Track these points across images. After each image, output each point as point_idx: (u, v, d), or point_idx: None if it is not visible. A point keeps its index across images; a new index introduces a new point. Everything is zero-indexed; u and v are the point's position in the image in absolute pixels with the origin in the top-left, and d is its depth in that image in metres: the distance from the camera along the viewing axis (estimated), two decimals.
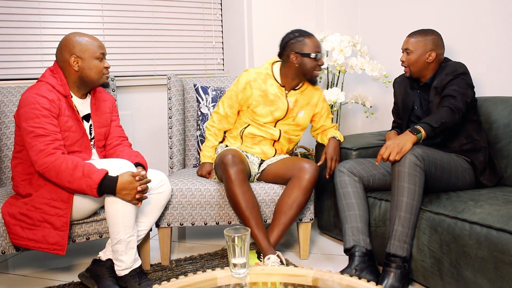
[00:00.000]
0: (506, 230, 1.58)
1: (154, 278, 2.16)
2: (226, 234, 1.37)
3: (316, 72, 2.32)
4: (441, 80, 2.15)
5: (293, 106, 2.38)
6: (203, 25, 3.31)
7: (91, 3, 2.95)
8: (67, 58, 1.97)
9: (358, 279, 1.36)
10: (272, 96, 2.35)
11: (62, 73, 1.99)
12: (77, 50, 1.97)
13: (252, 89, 2.34)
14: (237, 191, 2.11)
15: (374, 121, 3.28)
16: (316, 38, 2.34)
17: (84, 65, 1.98)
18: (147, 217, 2.10)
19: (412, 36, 2.24)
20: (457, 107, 2.01)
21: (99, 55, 2.01)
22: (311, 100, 2.44)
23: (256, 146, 2.41)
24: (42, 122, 1.86)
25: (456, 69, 2.13)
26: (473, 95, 2.13)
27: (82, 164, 1.83)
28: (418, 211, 1.91)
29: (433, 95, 2.18)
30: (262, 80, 2.36)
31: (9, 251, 1.92)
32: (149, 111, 3.13)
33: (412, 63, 2.22)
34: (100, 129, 2.12)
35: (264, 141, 2.42)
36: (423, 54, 2.20)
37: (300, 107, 2.41)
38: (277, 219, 2.20)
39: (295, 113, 2.41)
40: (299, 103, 2.40)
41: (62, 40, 2.02)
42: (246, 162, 2.27)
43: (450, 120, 1.99)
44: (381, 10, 3.16)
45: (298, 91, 2.40)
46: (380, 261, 2.08)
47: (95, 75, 2.01)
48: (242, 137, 2.43)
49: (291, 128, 2.44)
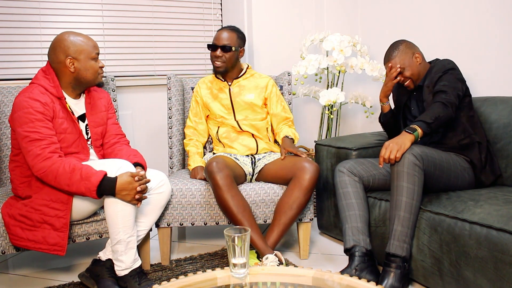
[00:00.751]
0: (506, 230, 1.58)
1: (154, 278, 2.16)
2: (226, 234, 1.37)
3: (213, 63, 2.52)
4: (431, 78, 2.19)
5: (239, 90, 2.54)
6: (203, 25, 3.30)
7: (91, 3, 2.95)
8: (62, 59, 1.95)
9: (358, 279, 1.36)
10: (216, 90, 2.56)
11: (54, 74, 1.97)
12: (72, 51, 1.95)
13: (201, 89, 2.58)
14: (226, 196, 2.12)
15: (374, 121, 3.28)
16: (221, 31, 2.53)
17: (80, 66, 1.96)
18: (147, 217, 2.10)
19: (391, 59, 2.28)
20: (449, 101, 2.03)
21: (94, 55, 1.99)
22: (259, 84, 2.58)
23: (235, 143, 2.47)
24: (37, 126, 1.84)
25: (444, 66, 2.17)
26: (465, 89, 2.15)
27: (79, 166, 1.82)
28: (417, 211, 1.91)
29: (426, 94, 2.20)
30: (208, 81, 2.61)
31: (9, 251, 1.92)
32: (149, 111, 3.13)
33: (412, 75, 2.25)
34: (96, 128, 2.11)
35: (241, 136, 2.49)
36: (412, 61, 2.25)
37: (248, 90, 2.55)
38: (277, 219, 2.20)
39: (244, 96, 2.52)
40: (246, 87, 2.55)
41: (55, 41, 1.98)
42: (232, 167, 2.27)
43: (444, 114, 2.00)
44: (381, 10, 3.17)
45: (240, 78, 2.57)
46: (380, 261, 2.08)
47: (91, 75, 2.00)
48: (220, 141, 2.51)
49: (248, 113, 2.52)
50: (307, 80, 3.09)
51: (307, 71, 2.83)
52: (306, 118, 3.34)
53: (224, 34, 2.50)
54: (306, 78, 2.92)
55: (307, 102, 3.32)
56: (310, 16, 3.29)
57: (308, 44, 2.99)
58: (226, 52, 2.47)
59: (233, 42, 2.49)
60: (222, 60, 2.49)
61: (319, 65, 2.83)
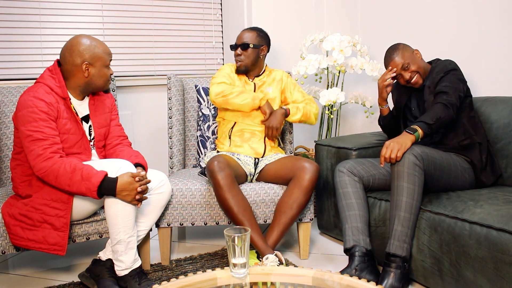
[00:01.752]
0: (506, 230, 1.58)
1: (154, 278, 2.16)
2: (226, 234, 1.37)
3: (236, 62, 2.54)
4: (432, 79, 2.18)
5: (261, 85, 2.55)
6: (203, 25, 3.30)
7: (91, 3, 2.95)
8: (78, 63, 1.95)
9: (358, 279, 1.36)
10: (239, 83, 2.53)
11: (61, 74, 1.97)
12: (89, 57, 1.95)
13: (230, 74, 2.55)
14: (227, 195, 2.12)
15: (374, 121, 3.28)
16: (243, 31, 2.56)
17: (94, 72, 1.98)
18: (147, 217, 2.10)
19: (394, 57, 2.25)
20: (450, 102, 2.03)
21: (108, 62, 2.02)
22: (275, 77, 2.60)
23: (245, 144, 2.44)
24: (40, 125, 1.84)
25: (445, 66, 2.17)
26: (466, 90, 2.15)
27: (80, 167, 1.82)
28: (417, 211, 1.91)
29: (427, 94, 2.20)
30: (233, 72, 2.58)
31: (9, 251, 1.92)
32: (149, 111, 3.13)
33: (418, 68, 2.23)
34: (100, 129, 2.12)
35: (253, 138, 2.45)
36: (414, 56, 2.24)
37: (268, 84, 2.56)
38: (277, 219, 2.20)
39: (264, 90, 2.54)
40: (265, 82, 2.57)
41: (73, 43, 1.96)
42: (234, 166, 2.27)
43: (445, 116, 2.00)
44: (381, 10, 3.16)
45: (261, 77, 2.59)
46: (380, 261, 2.08)
47: (102, 82, 2.03)
48: (230, 137, 2.47)
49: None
50: (307, 80, 3.09)
51: (307, 71, 2.83)
52: None
53: (244, 33, 2.54)
54: (306, 78, 2.92)
55: None
56: (310, 16, 3.29)
57: (308, 44, 2.99)
58: (244, 50, 2.49)
59: (252, 40, 2.51)
60: (241, 59, 2.51)
61: (319, 65, 2.83)
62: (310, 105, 2.55)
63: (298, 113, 2.49)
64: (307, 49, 3.02)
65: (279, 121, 2.42)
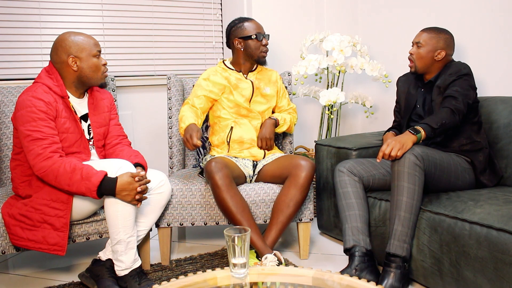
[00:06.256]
0: (506, 230, 1.58)
1: (154, 278, 2.16)
2: (226, 234, 1.37)
3: (262, 53, 2.45)
4: (444, 79, 2.16)
5: (258, 82, 2.48)
6: (203, 25, 3.30)
7: (91, 3, 2.95)
8: (64, 59, 1.96)
9: (358, 279, 1.36)
10: (234, 81, 2.45)
11: (58, 74, 1.98)
12: (74, 50, 1.96)
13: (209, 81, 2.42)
14: (225, 196, 2.12)
15: (374, 121, 3.28)
16: (255, 21, 2.46)
17: (82, 64, 1.98)
18: (147, 217, 2.10)
19: (425, 31, 2.25)
20: (458, 108, 2.02)
21: (96, 52, 2.01)
22: (270, 77, 2.56)
23: (245, 151, 2.42)
24: (39, 125, 1.85)
25: (459, 70, 2.13)
26: (475, 97, 2.14)
27: (80, 166, 1.82)
28: (418, 211, 1.91)
29: (436, 94, 2.18)
30: (219, 73, 2.46)
31: (9, 251, 1.92)
32: (149, 111, 3.13)
33: (420, 58, 2.22)
34: (99, 129, 2.12)
35: (253, 147, 2.43)
36: (432, 51, 2.21)
37: (265, 84, 2.51)
38: (275, 218, 2.20)
39: (262, 89, 2.49)
40: (262, 81, 2.51)
41: (56, 41, 2.00)
42: (232, 167, 2.26)
43: (450, 122, 2.00)
44: (381, 10, 3.17)
45: (255, 72, 2.52)
46: (380, 261, 2.08)
47: (94, 73, 2.01)
48: (229, 144, 2.43)
49: (264, 109, 2.49)
50: (307, 80, 3.09)
51: (307, 71, 2.83)
52: (306, 118, 3.34)
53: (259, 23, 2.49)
54: (306, 78, 2.92)
55: (307, 102, 3.32)
56: (310, 16, 3.29)
57: (308, 44, 2.99)
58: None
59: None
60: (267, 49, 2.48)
61: (319, 65, 2.83)
62: (293, 116, 2.60)
63: (284, 125, 2.52)
64: (307, 49, 3.01)
65: (270, 131, 2.43)
